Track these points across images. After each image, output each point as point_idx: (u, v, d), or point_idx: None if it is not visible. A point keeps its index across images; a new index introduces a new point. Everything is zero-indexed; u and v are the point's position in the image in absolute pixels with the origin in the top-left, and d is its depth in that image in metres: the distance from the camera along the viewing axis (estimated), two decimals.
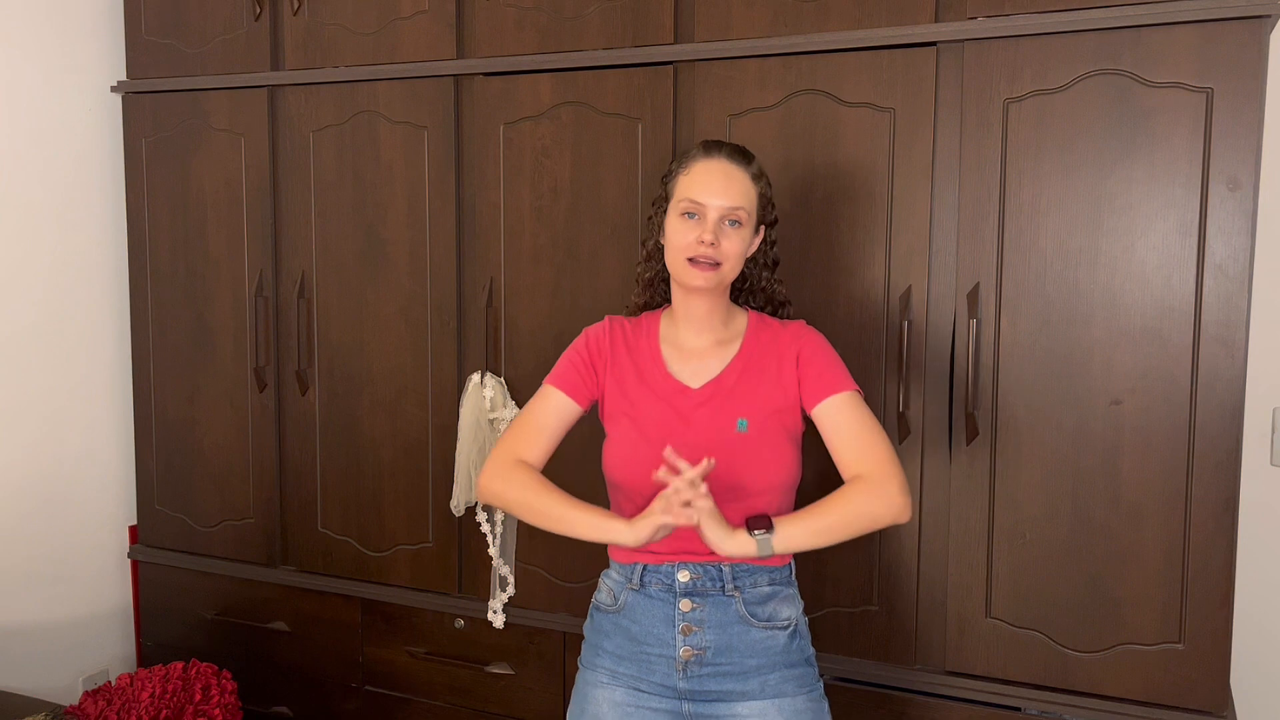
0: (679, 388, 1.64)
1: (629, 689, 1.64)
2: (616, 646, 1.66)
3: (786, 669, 1.62)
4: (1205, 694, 1.80)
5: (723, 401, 1.62)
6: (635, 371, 1.67)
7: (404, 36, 2.30)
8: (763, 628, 1.62)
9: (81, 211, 2.66)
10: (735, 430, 1.60)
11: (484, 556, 2.31)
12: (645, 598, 1.64)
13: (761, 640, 1.62)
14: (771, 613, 1.63)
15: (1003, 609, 1.92)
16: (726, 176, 1.60)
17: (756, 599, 1.62)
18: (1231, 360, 1.74)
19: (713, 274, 1.59)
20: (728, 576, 1.61)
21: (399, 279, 2.34)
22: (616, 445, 1.66)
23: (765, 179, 1.66)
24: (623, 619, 1.66)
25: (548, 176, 2.18)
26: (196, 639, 2.67)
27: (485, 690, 2.36)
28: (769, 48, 1.98)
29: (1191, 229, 1.75)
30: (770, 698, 1.61)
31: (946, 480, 1.94)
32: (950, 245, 1.90)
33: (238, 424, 2.56)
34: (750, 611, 1.62)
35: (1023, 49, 1.82)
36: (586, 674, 1.71)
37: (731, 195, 1.59)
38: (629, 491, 1.64)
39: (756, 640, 1.62)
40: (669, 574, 1.62)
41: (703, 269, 1.58)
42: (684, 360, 1.67)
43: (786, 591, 1.66)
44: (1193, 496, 1.78)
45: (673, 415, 1.62)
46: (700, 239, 1.57)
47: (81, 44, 2.64)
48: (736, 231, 1.60)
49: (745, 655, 1.61)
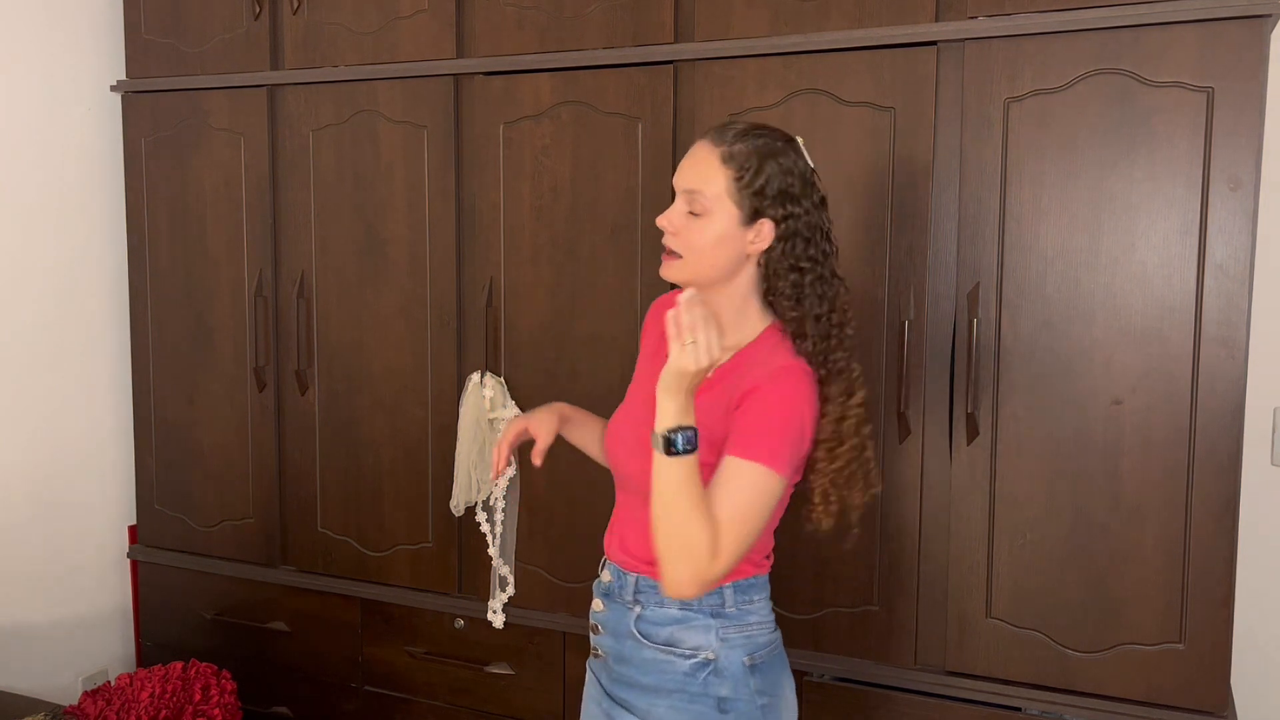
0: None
1: (592, 675, 1.65)
2: None
3: (685, 701, 1.47)
4: (1205, 694, 1.80)
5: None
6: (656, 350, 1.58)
7: (404, 36, 2.29)
8: (657, 649, 1.50)
9: (81, 211, 2.66)
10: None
11: (484, 556, 2.31)
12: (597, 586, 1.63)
13: (654, 660, 1.49)
14: (670, 637, 1.49)
15: (1003, 609, 1.91)
16: (692, 156, 1.45)
17: (657, 619, 1.50)
18: (1232, 360, 1.74)
19: (672, 265, 1.45)
20: (630, 587, 1.52)
21: (399, 279, 2.34)
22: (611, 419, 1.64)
23: (754, 164, 1.41)
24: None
25: (548, 176, 2.18)
26: (196, 639, 2.67)
27: (485, 690, 2.36)
28: (769, 47, 1.98)
29: (1192, 229, 1.74)
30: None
31: (947, 480, 1.93)
32: (951, 245, 1.89)
33: (237, 424, 2.56)
34: (643, 630, 1.50)
35: (1023, 48, 1.82)
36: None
37: (687, 176, 1.43)
38: (610, 465, 1.63)
39: (649, 659, 1.50)
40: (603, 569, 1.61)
41: (665, 258, 1.46)
42: None
43: (701, 620, 1.48)
44: (1193, 496, 1.78)
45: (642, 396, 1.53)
46: (659, 220, 1.46)
47: (81, 44, 2.63)
48: (697, 222, 1.42)
49: (639, 671, 1.51)
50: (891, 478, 1.96)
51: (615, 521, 1.62)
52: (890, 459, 1.96)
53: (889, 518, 1.97)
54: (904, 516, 1.97)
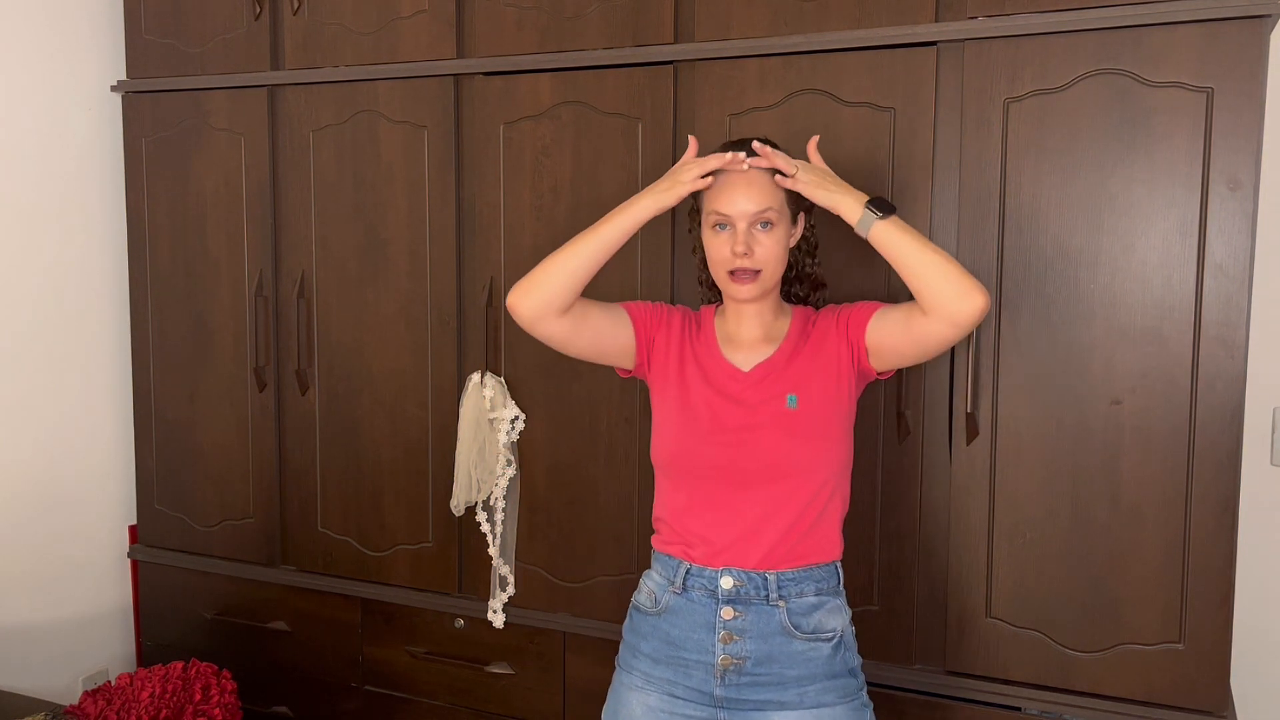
0: (732, 371, 1.67)
1: (664, 694, 1.62)
2: (653, 650, 1.65)
3: (828, 680, 1.60)
4: (1205, 694, 1.80)
5: (774, 381, 1.64)
6: (694, 355, 1.69)
7: (404, 36, 2.30)
8: (806, 639, 1.59)
9: (81, 211, 2.66)
10: (785, 406, 1.61)
11: (484, 556, 2.31)
12: (687, 601, 1.62)
13: (804, 652, 1.59)
14: (816, 624, 1.61)
15: (1003, 609, 1.92)
16: (746, 182, 1.59)
17: (801, 610, 1.60)
18: (1231, 360, 1.74)
19: (754, 284, 1.61)
20: (773, 585, 1.59)
21: (399, 279, 2.34)
22: (663, 426, 1.68)
23: None
24: (662, 622, 1.64)
25: (548, 176, 2.18)
26: (196, 639, 2.67)
27: (485, 690, 2.36)
28: (769, 47, 1.98)
29: (1192, 229, 1.75)
30: (809, 708, 1.58)
31: (947, 480, 1.93)
32: (950, 245, 1.89)
33: (237, 424, 2.56)
34: (794, 623, 1.59)
35: (1023, 49, 1.82)
36: (622, 675, 1.69)
37: (754, 199, 1.59)
38: (676, 471, 1.65)
39: (798, 652, 1.59)
40: (712, 579, 1.61)
41: (743, 281, 1.61)
42: (735, 349, 1.69)
43: (833, 602, 1.63)
44: (1193, 496, 1.78)
45: (721, 398, 1.64)
46: (734, 250, 1.58)
47: (81, 44, 2.64)
48: (769, 234, 1.60)
49: (786, 666, 1.58)
50: (891, 477, 1.97)
51: (708, 527, 1.62)
52: (890, 458, 1.96)
53: (889, 517, 1.98)
54: (904, 516, 1.97)
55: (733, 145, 1.65)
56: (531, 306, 1.64)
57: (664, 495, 1.69)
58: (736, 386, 1.65)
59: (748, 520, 1.60)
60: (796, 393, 1.61)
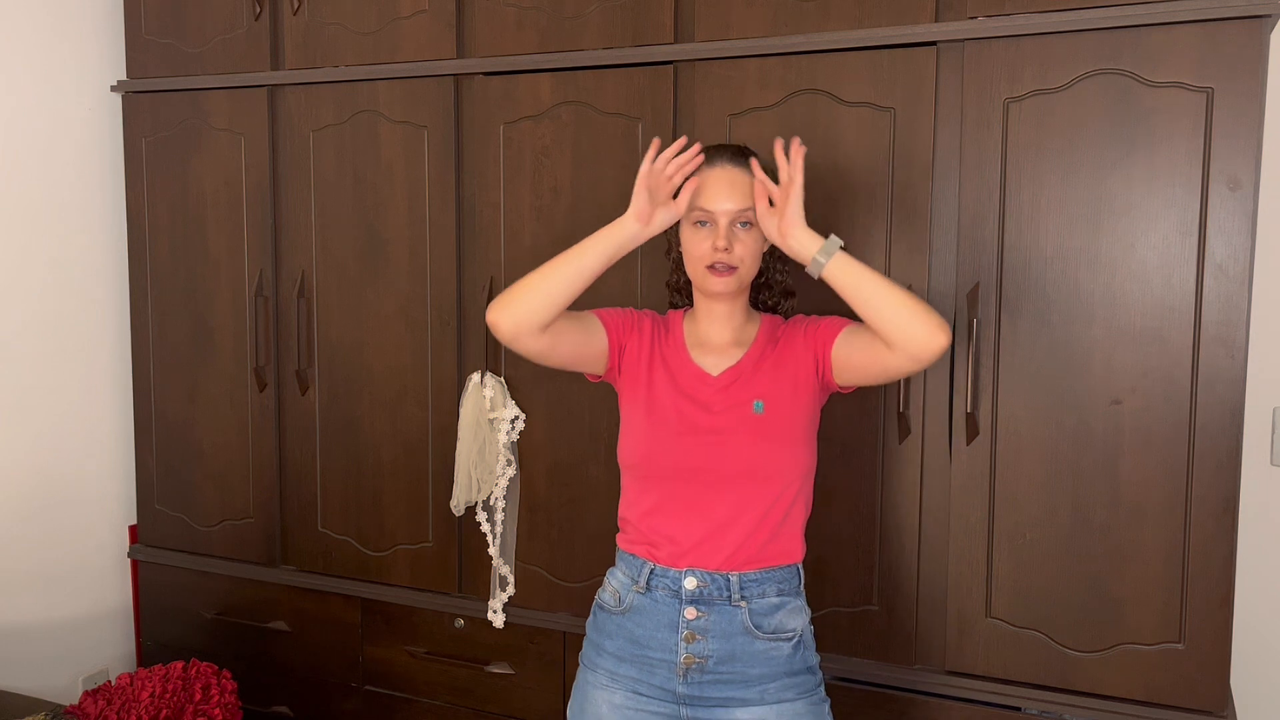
0: (700, 374, 1.69)
1: (629, 692, 1.65)
2: (618, 648, 1.67)
3: (788, 677, 1.64)
4: (1205, 694, 1.80)
5: (741, 387, 1.67)
6: (662, 359, 1.72)
7: (404, 36, 2.30)
8: (767, 639, 1.63)
9: (81, 211, 2.66)
10: (752, 412, 1.64)
11: (484, 556, 2.31)
12: (650, 601, 1.65)
13: (765, 651, 1.63)
14: (777, 625, 1.64)
15: (1003, 609, 1.92)
16: (730, 182, 1.64)
17: (763, 610, 1.64)
18: (1231, 360, 1.74)
19: (731, 278, 1.65)
20: (735, 586, 1.63)
21: (399, 279, 2.34)
22: (632, 428, 1.70)
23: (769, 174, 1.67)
24: (626, 621, 1.67)
25: (548, 176, 2.18)
26: (196, 639, 2.67)
27: (485, 690, 2.36)
28: (769, 47, 1.98)
29: (1192, 229, 1.75)
30: (770, 703, 1.62)
31: (946, 480, 1.93)
32: (950, 245, 1.90)
33: (238, 424, 2.56)
34: (755, 623, 1.63)
35: (1023, 49, 1.82)
36: (587, 673, 1.72)
37: (737, 199, 1.64)
38: (645, 473, 1.67)
39: (760, 651, 1.63)
40: (676, 579, 1.63)
41: (720, 274, 1.64)
42: (704, 353, 1.72)
43: (794, 603, 1.67)
44: (1193, 496, 1.78)
45: (689, 401, 1.67)
46: (714, 245, 1.63)
47: (81, 44, 2.64)
48: (749, 233, 1.65)
49: (748, 665, 1.62)
50: (891, 477, 1.97)
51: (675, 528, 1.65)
52: (890, 459, 1.96)
53: (889, 517, 1.98)
54: (904, 516, 1.97)
55: (710, 151, 1.67)
56: (512, 323, 1.64)
57: (630, 496, 1.72)
58: (705, 391, 1.67)
59: (714, 522, 1.63)
60: (763, 399, 1.65)
